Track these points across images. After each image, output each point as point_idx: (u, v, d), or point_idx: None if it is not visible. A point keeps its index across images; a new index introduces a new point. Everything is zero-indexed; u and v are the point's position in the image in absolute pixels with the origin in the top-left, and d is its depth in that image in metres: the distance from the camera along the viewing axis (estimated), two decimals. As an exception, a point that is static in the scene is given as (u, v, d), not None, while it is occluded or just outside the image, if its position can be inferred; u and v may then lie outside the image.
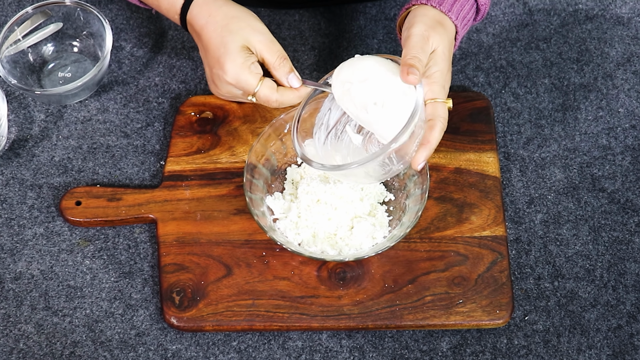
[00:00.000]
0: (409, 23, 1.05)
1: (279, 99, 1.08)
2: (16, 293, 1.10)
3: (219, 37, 1.08)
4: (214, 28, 1.09)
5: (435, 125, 0.99)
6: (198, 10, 1.10)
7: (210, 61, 1.11)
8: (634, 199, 1.16)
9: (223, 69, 1.08)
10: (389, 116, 0.99)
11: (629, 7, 1.31)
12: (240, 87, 1.09)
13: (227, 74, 1.08)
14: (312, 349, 1.07)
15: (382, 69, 1.01)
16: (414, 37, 1.03)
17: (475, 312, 1.06)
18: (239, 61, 1.07)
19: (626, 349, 1.06)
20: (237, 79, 1.08)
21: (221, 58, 1.08)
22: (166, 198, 1.13)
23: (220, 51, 1.08)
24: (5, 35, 1.20)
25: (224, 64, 1.07)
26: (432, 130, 0.99)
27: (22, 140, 1.20)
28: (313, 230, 1.08)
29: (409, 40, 1.03)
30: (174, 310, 1.06)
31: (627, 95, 1.23)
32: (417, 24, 1.04)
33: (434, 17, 1.05)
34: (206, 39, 1.09)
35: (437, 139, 0.99)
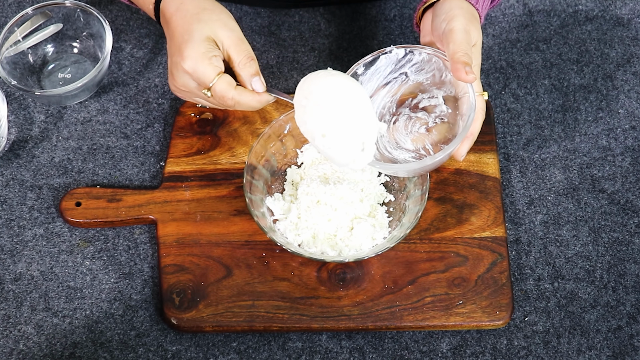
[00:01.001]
0: (448, 16, 1.02)
1: (236, 98, 1.03)
2: (16, 294, 1.10)
3: (186, 25, 1.03)
4: (183, 15, 1.04)
5: (478, 119, 1.04)
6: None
7: (172, 49, 1.05)
8: (634, 200, 1.16)
9: (182, 55, 1.02)
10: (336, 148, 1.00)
11: (628, 8, 1.31)
12: (196, 77, 1.03)
13: (185, 61, 1.02)
14: (312, 349, 1.07)
15: (342, 93, 0.99)
16: (458, 33, 1.01)
17: (475, 313, 1.06)
18: (200, 50, 1.02)
19: (626, 349, 1.06)
20: (195, 67, 1.02)
21: (183, 45, 1.02)
22: (166, 199, 1.13)
23: (183, 38, 1.03)
24: (5, 36, 1.20)
25: (184, 50, 1.02)
26: (474, 123, 1.03)
27: (22, 141, 1.20)
28: (313, 231, 1.08)
29: (454, 35, 1.01)
30: (174, 311, 1.06)
31: (627, 96, 1.23)
32: (458, 18, 1.02)
33: (469, 9, 1.04)
34: (173, 26, 1.04)
35: (478, 131, 1.05)
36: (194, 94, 1.07)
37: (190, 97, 1.10)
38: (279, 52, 1.27)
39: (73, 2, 1.22)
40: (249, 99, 1.04)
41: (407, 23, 1.29)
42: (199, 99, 1.09)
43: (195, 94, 1.07)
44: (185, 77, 1.04)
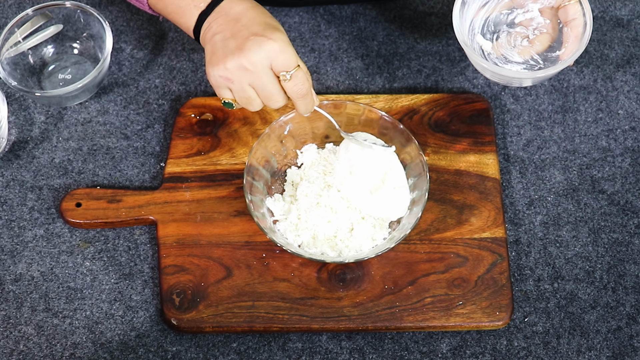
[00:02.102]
0: None
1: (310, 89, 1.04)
2: (16, 295, 1.10)
3: (268, 19, 1.04)
4: (262, 12, 1.05)
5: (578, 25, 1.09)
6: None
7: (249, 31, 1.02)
8: (634, 201, 1.16)
9: (269, 36, 1.01)
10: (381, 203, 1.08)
11: (628, 9, 1.31)
12: (281, 58, 1.01)
13: (274, 41, 1.00)
14: (312, 350, 1.07)
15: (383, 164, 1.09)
16: None
17: (475, 314, 1.06)
18: (286, 38, 1.02)
19: (626, 350, 1.07)
20: (284, 48, 1.01)
21: (269, 29, 1.01)
22: (166, 200, 1.14)
23: (268, 25, 1.02)
24: (5, 37, 1.20)
25: (272, 33, 1.01)
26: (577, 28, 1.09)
27: (22, 142, 1.20)
28: (313, 232, 1.08)
29: None
30: (174, 312, 1.06)
31: (627, 97, 1.24)
32: None
33: None
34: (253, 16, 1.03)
35: None
36: (256, 75, 1.03)
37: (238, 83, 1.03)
38: (279, 53, 1.27)
39: (73, 3, 1.22)
40: (313, 100, 1.07)
41: (407, 24, 1.30)
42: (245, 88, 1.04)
43: (258, 75, 1.02)
44: (264, 55, 1.01)
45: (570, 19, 1.08)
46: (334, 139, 1.16)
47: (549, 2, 1.11)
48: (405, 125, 1.15)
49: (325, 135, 1.16)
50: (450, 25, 1.30)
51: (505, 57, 1.13)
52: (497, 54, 1.13)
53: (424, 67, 1.26)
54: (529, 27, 1.12)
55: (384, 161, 1.10)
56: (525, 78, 1.09)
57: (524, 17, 1.13)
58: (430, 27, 1.29)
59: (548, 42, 1.11)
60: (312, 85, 1.06)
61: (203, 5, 1.06)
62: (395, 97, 1.20)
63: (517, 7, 1.13)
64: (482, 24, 1.14)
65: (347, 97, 1.21)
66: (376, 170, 1.09)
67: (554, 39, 1.11)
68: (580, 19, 1.07)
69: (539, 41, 1.11)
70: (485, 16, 1.14)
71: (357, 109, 1.14)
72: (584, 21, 1.07)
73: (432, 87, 1.24)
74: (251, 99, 1.04)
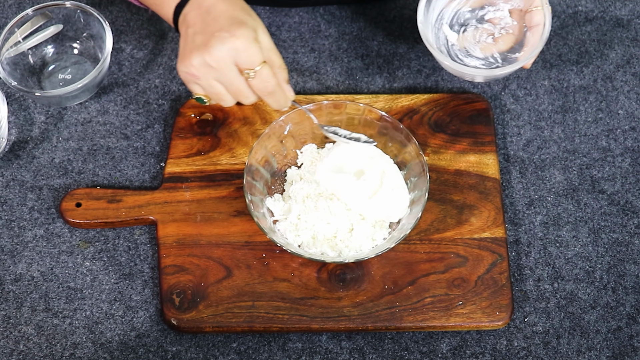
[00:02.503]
0: None
1: (276, 86, 1.03)
2: (16, 295, 1.10)
3: (236, 12, 1.03)
4: (234, 4, 1.04)
5: (544, 32, 1.11)
6: None
7: (213, 26, 1.02)
8: (634, 201, 1.16)
9: (233, 33, 1.00)
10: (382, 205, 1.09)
11: (628, 9, 1.31)
12: (244, 56, 1.01)
13: (237, 38, 1.00)
14: (312, 350, 1.07)
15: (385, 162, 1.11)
16: None
17: (475, 314, 1.06)
18: (252, 35, 1.01)
19: (626, 350, 1.07)
20: (247, 46, 1.00)
21: (235, 25, 1.01)
22: (166, 200, 1.14)
23: (234, 21, 1.01)
24: (5, 37, 1.20)
25: (237, 29, 1.01)
26: (541, 36, 1.11)
27: (22, 142, 1.20)
28: (313, 232, 1.08)
29: None
30: (174, 312, 1.07)
31: (627, 97, 1.24)
32: None
33: None
34: (221, 10, 1.03)
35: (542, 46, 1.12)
36: (220, 72, 1.03)
37: (204, 79, 1.04)
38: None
39: (73, 3, 1.22)
40: (285, 95, 1.06)
41: (407, 24, 1.30)
42: (212, 83, 1.04)
43: (222, 72, 1.03)
44: (226, 53, 1.01)
45: (534, 24, 1.11)
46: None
47: (518, 5, 1.14)
48: (405, 125, 1.15)
49: (325, 135, 1.16)
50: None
51: (467, 51, 1.16)
52: (460, 46, 1.16)
53: (424, 67, 1.26)
54: (497, 26, 1.15)
55: (380, 163, 1.10)
56: (476, 75, 1.12)
57: (494, 15, 1.15)
58: (430, 27, 1.29)
59: (511, 43, 1.14)
60: (286, 79, 1.06)
61: None
62: (395, 97, 1.21)
63: (488, 5, 1.16)
64: (451, 15, 1.17)
65: (347, 97, 1.21)
66: (359, 165, 1.10)
67: (517, 41, 1.14)
68: (541, 27, 1.10)
69: (503, 41, 1.14)
70: (456, 8, 1.17)
71: (357, 109, 1.14)
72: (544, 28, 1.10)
73: (432, 87, 1.24)
74: (221, 94, 1.05)
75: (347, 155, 1.11)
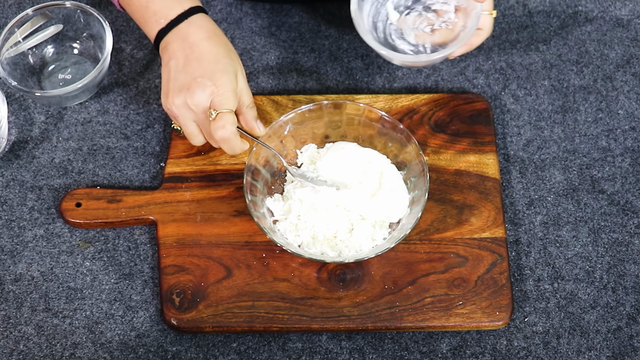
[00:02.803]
0: None
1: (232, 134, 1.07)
2: (16, 295, 1.10)
3: (219, 56, 1.08)
4: (217, 45, 1.09)
5: (482, 34, 1.14)
6: (201, 23, 1.10)
7: (199, 70, 1.07)
8: (634, 201, 1.16)
9: (216, 82, 1.06)
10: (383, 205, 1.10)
11: (628, 9, 1.31)
12: (217, 102, 1.06)
13: (218, 87, 1.06)
14: (312, 350, 1.07)
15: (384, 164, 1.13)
16: None
17: (475, 314, 1.06)
18: (233, 85, 1.08)
19: (626, 350, 1.07)
20: (225, 96, 1.07)
21: (218, 73, 1.07)
22: (166, 200, 1.14)
23: (217, 66, 1.07)
24: (5, 37, 1.20)
25: (220, 77, 1.07)
26: (478, 37, 1.14)
27: (22, 142, 1.20)
28: (313, 232, 1.08)
29: None
30: (174, 312, 1.07)
31: (627, 97, 1.24)
32: None
33: None
34: (203, 50, 1.08)
35: (477, 44, 1.15)
36: (197, 115, 1.09)
37: (182, 118, 1.09)
38: (279, 53, 1.28)
39: (73, 3, 1.22)
40: (239, 143, 1.09)
41: (407, 24, 1.30)
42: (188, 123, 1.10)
43: (198, 115, 1.09)
44: (205, 99, 1.07)
45: (469, 25, 1.12)
46: (334, 139, 1.16)
47: (462, 3, 1.15)
48: (405, 125, 1.15)
49: (325, 135, 1.16)
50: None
51: (401, 33, 1.16)
52: (398, 27, 1.17)
53: (424, 67, 1.26)
54: (439, 18, 1.15)
55: (377, 165, 1.11)
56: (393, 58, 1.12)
57: (440, 7, 1.16)
58: (430, 27, 1.29)
59: (446, 38, 1.15)
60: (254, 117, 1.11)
61: (164, 22, 1.10)
62: (395, 97, 1.21)
63: None
64: None
65: (347, 97, 1.21)
66: (355, 169, 1.11)
67: (453, 38, 1.14)
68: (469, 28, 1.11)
69: (440, 34, 1.15)
70: None
71: (357, 109, 1.14)
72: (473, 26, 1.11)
73: (432, 87, 1.24)
74: (192, 135, 1.11)
75: (342, 160, 1.11)
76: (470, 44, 1.14)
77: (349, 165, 1.11)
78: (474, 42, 1.14)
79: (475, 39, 1.14)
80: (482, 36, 1.14)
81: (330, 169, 1.11)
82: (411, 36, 1.16)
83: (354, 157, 1.11)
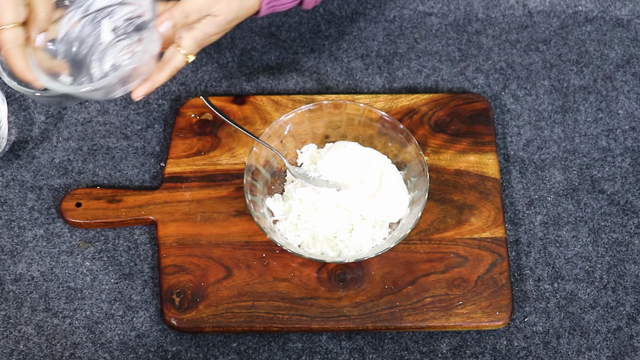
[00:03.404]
0: None
1: None
2: (16, 294, 1.10)
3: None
4: None
5: (165, 69, 1.02)
6: None
7: None
8: (634, 201, 1.16)
9: None
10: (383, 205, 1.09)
11: (628, 9, 1.31)
12: None
13: None
14: (312, 350, 1.07)
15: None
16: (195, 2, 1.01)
17: (475, 314, 1.06)
18: None
19: (626, 350, 1.07)
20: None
21: None
22: (166, 200, 1.14)
23: None
24: (5, 37, 1.20)
25: None
26: (161, 72, 1.02)
27: (22, 142, 1.20)
28: (313, 232, 1.08)
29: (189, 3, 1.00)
30: (174, 312, 1.07)
31: (627, 97, 1.24)
32: None
33: None
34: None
35: (161, 82, 1.02)
36: None
37: None
38: (278, 54, 1.28)
39: (73, 3, 1.22)
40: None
41: (407, 24, 1.30)
42: None
43: None
44: None
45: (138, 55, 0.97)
46: (334, 139, 1.16)
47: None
48: (405, 125, 1.15)
49: (325, 135, 1.16)
50: (450, 25, 1.30)
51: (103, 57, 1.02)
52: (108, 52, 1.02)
53: (424, 67, 1.26)
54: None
55: (377, 165, 1.11)
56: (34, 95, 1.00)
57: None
58: (430, 27, 1.30)
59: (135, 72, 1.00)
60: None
61: None
62: (395, 97, 1.21)
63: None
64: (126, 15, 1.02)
65: (347, 97, 1.21)
66: (356, 168, 1.11)
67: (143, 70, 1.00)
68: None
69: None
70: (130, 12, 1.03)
71: (357, 109, 1.14)
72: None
73: (432, 87, 1.24)
74: None
75: (343, 160, 1.11)
76: (153, 80, 1.01)
77: (350, 164, 1.11)
78: (157, 77, 1.01)
79: (159, 73, 1.01)
80: (167, 72, 1.02)
81: (330, 169, 1.11)
82: (109, 63, 1.01)
83: (354, 157, 1.11)
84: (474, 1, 1.32)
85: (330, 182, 1.10)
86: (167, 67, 1.02)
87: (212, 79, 1.25)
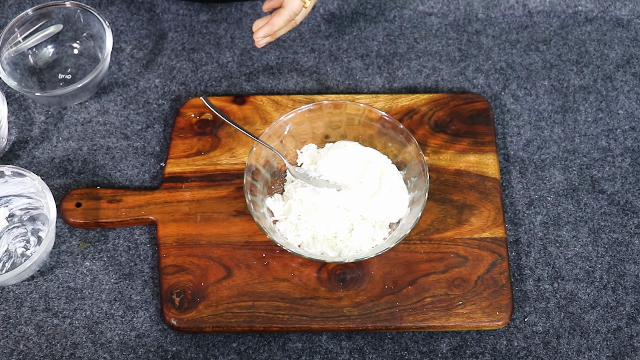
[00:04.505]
0: None
1: None
2: (16, 295, 1.10)
3: None
4: None
5: (283, 14, 1.11)
6: None
7: None
8: (634, 201, 1.16)
9: None
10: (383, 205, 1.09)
11: (628, 9, 1.31)
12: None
13: None
14: (312, 350, 1.07)
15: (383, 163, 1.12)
16: None
17: (475, 314, 1.06)
18: None
19: (626, 350, 1.07)
20: None
21: None
22: (166, 200, 1.14)
23: None
24: (5, 37, 1.20)
25: None
26: (279, 16, 1.11)
27: (22, 142, 1.20)
28: (313, 232, 1.08)
29: None
30: (174, 312, 1.07)
31: (627, 97, 1.24)
32: None
33: None
34: None
35: (279, 25, 1.12)
36: None
37: None
38: (279, 53, 1.28)
39: (73, 3, 1.22)
40: None
41: (407, 24, 1.30)
42: None
43: None
44: None
45: None
46: (334, 139, 1.16)
47: None
48: (405, 125, 1.15)
49: (325, 135, 1.16)
50: (450, 25, 1.30)
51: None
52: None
53: (424, 67, 1.26)
54: None
55: (377, 165, 1.11)
56: None
57: None
58: (430, 27, 1.30)
59: None
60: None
61: None
62: (395, 97, 1.21)
63: None
64: None
65: (347, 97, 1.21)
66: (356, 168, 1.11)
67: None
68: None
69: None
70: None
71: (357, 109, 1.14)
72: None
73: (432, 87, 1.24)
74: None
75: (343, 159, 1.11)
76: (272, 23, 1.12)
77: (350, 164, 1.11)
78: (274, 20, 1.12)
79: (277, 17, 1.11)
80: (284, 15, 1.11)
81: (330, 169, 1.11)
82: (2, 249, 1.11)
83: (354, 157, 1.11)
84: (474, 1, 1.32)
85: (330, 182, 1.10)
86: (284, 12, 1.10)
87: (212, 79, 1.25)
